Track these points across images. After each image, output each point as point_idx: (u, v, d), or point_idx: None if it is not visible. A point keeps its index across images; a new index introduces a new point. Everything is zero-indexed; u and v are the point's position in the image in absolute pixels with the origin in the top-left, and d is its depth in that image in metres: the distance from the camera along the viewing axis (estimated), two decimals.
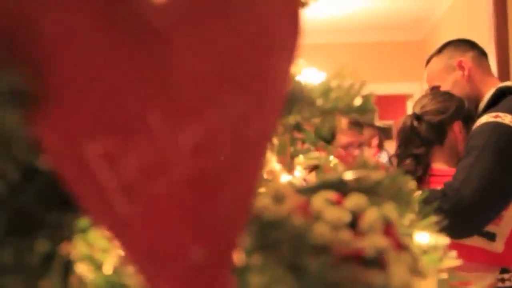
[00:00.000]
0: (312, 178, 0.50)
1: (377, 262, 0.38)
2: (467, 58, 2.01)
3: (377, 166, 0.46)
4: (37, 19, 0.28)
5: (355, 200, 0.41)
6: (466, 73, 1.98)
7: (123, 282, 0.41)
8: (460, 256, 1.75)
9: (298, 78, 0.48)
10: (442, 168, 1.93)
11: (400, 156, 2.00)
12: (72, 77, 0.28)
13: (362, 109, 0.50)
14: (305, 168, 0.55)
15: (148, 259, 0.30)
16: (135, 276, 0.42)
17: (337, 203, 0.41)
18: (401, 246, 0.39)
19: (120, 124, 0.29)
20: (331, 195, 0.42)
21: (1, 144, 0.29)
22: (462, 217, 1.66)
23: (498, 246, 1.73)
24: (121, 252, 0.42)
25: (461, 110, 1.96)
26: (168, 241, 0.30)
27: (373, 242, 0.38)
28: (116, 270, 0.42)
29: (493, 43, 3.46)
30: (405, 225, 0.46)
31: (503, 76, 3.38)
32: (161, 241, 0.30)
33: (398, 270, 0.37)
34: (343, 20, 6.49)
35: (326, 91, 0.48)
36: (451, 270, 0.49)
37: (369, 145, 4.96)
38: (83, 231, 0.39)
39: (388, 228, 0.40)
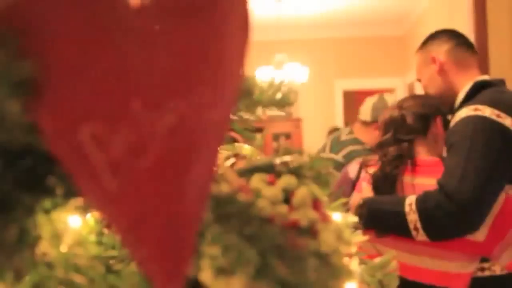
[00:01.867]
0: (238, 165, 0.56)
1: (310, 231, 0.44)
2: (441, 52, 2.01)
3: (301, 152, 0.53)
4: (38, 17, 0.32)
5: (286, 181, 0.48)
6: (437, 67, 1.99)
7: (78, 258, 0.45)
8: (441, 245, 1.74)
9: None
10: (425, 158, 1.96)
11: (386, 143, 2.02)
12: (66, 68, 0.33)
13: (283, 103, 0.57)
14: (228, 157, 0.61)
15: (131, 229, 0.34)
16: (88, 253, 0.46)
17: (271, 183, 0.48)
18: (328, 218, 0.47)
19: (108, 110, 0.34)
20: (265, 176, 0.48)
21: None
22: (468, 215, 1.67)
23: (480, 235, 1.74)
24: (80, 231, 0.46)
25: (442, 106, 2.01)
26: (150, 211, 0.35)
27: (305, 215, 0.45)
28: (72, 248, 0.46)
29: (473, 36, 3.58)
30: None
31: (483, 67, 3.46)
32: (143, 212, 0.35)
33: (327, 238, 0.44)
34: (326, 16, 6.54)
35: (251, 86, 0.54)
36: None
37: None
38: (47, 212, 0.42)
39: (315, 203, 0.47)
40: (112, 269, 0.50)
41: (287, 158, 0.53)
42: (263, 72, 6.35)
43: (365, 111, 3.06)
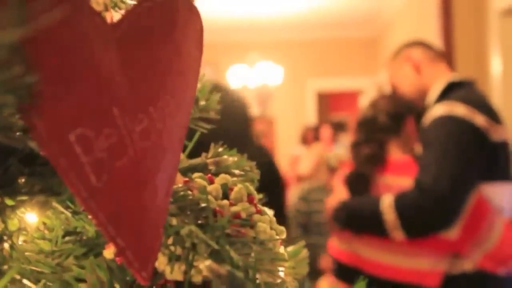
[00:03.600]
0: None
1: (249, 221, 0.51)
2: (416, 52, 2.05)
3: (230, 154, 0.59)
4: (38, 37, 0.36)
5: (223, 178, 0.54)
6: (413, 65, 2.02)
7: (42, 248, 0.49)
8: (415, 243, 1.84)
9: None
10: (399, 157, 1.97)
11: (359, 142, 2.01)
12: (58, 80, 0.37)
13: (207, 108, 0.62)
14: None
15: (111, 222, 0.39)
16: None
17: (211, 181, 0.54)
18: (261, 211, 0.53)
19: (93, 116, 0.38)
20: (203, 175, 0.54)
21: None
22: (444, 211, 1.70)
23: (453, 233, 1.77)
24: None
25: (414, 105, 2.01)
26: (127, 206, 0.40)
27: (244, 208, 0.51)
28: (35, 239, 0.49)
29: (440, 38, 3.72)
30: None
31: (450, 67, 3.62)
32: (122, 207, 0.39)
33: (263, 227, 0.51)
34: (299, 17, 6.59)
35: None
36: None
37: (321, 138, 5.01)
38: (13, 208, 0.45)
39: (250, 198, 0.53)
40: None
41: (218, 158, 0.59)
42: (237, 70, 6.53)
43: None
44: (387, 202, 1.79)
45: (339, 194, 2.05)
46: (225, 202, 0.51)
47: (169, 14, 0.44)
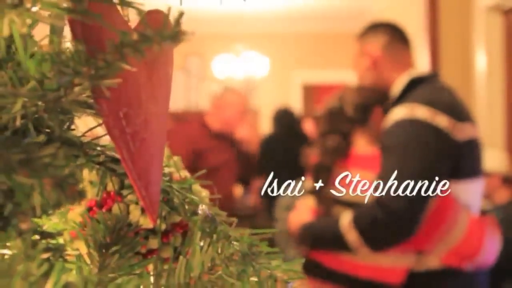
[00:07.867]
0: None
1: (189, 184, 0.68)
2: (376, 46, 1.95)
3: None
4: None
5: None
6: (370, 62, 1.95)
7: None
8: None
9: None
10: (364, 150, 1.94)
11: (324, 134, 1.93)
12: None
13: None
14: None
15: (140, 177, 0.54)
16: None
17: None
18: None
19: (133, 100, 0.53)
20: None
21: None
22: (404, 224, 1.67)
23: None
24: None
25: (381, 97, 1.96)
26: (149, 165, 0.55)
27: (184, 174, 0.68)
28: None
29: (426, 33, 3.68)
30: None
31: (435, 63, 3.62)
32: (147, 165, 0.54)
33: (198, 189, 0.68)
34: (286, 9, 6.48)
35: None
36: None
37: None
38: None
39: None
40: None
41: None
42: (222, 60, 6.49)
43: None
44: (346, 221, 1.76)
45: (301, 214, 2.01)
46: (173, 169, 0.67)
47: None
